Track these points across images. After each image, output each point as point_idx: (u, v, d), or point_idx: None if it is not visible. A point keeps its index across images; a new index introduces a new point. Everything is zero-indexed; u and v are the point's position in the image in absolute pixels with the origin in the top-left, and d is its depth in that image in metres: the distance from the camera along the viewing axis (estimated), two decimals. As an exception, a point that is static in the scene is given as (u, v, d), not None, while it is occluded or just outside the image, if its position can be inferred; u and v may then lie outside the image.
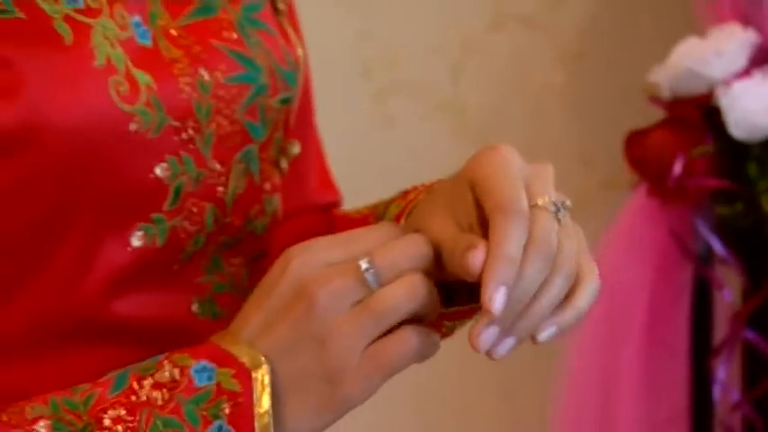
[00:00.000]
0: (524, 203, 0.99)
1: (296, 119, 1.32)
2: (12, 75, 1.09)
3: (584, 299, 1.02)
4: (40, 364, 1.14)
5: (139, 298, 1.17)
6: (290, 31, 1.29)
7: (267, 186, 1.27)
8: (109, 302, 1.14)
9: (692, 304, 2.32)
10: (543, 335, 1.00)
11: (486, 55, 2.51)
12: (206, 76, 1.18)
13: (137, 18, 1.17)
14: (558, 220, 1.01)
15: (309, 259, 1.07)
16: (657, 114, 2.28)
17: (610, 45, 2.54)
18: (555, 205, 1.03)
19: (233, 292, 1.23)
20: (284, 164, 1.31)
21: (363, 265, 1.02)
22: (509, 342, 0.99)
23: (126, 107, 1.13)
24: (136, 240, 1.15)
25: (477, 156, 1.06)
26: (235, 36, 1.21)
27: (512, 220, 0.98)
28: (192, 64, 1.18)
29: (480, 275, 0.98)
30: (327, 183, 1.44)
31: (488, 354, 0.99)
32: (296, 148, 1.33)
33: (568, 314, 1.00)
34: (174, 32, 1.19)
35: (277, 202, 1.29)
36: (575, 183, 2.55)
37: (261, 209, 1.27)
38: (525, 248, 0.98)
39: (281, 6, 1.28)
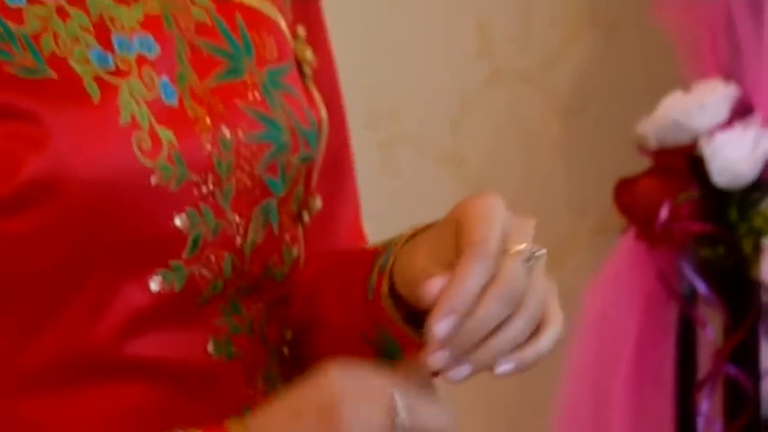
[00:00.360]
0: (493, 246, 1.04)
1: (324, 174, 1.37)
2: (40, 129, 1.14)
3: (545, 342, 1.04)
4: (59, 398, 1.18)
5: (156, 338, 1.20)
6: (315, 93, 1.33)
7: (287, 237, 1.30)
8: (126, 342, 1.18)
9: (677, 341, 2.36)
10: (500, 369, 1.03)
11: (483, 109, 2.55)
12: (228, 133, 1.22)
13: (165, 79, 1.22)
14: (530, 269, 1.06)
15: (348, 394, 1.09)
16: (645, 163, 2.34)
17: (599, 100, 2.58)
18: (527, 254, 1.06)
19: (250, 334, 1.26)
20: (306, 217, 1.35)
21: (400, 415, 1.05)
22: (464, 369, 1.03)
23: (148, 162, 1.17)
24: (154, 285, 1.19)
25: (465, 201, 1.11)
26: (258, 97, 1.25)
27: (476, 257, 1.03)
28: (215, 122, 1.22)
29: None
30: (357, 234, 1.44)
31: (446, 376, 1.05)
32: (317, 203, 1.36)
33: (528, 353, 1.03)
34: (200, 93, 1.24)
35: (297, 251, 1.32)
36: (566, 228, 2.60)
37: (280, 258, 1.30)
38: (486, 287, 1.01)
39: (307, 71, 1.32)
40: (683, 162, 2.31)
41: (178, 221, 1.19)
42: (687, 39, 2.39)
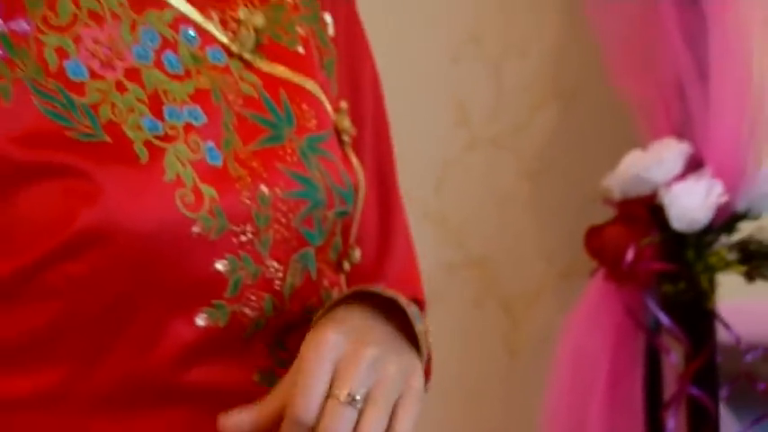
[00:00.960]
0: (315, 399, 1.14)
1: (370, 228, 1.46)
2: (92, 186, 1.22)
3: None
4: (124, 419, 1.27)
5: (205, 369, 1.28)
6: (353, 158, 1.40)
7: (325, 282, 1.35)
8: (179, 371, 1.26)
9: (645, 368, 2.47)
10: None
11: (463, 171, 2.67)
12: (266, 191, 1.29)
13: (210, 143, 1.29)
14: (354, 402, 1.14)
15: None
16: (605, 215, 2.45)
17: (564, 160, 2.67)
18: (350, 394, 1.15)
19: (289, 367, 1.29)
20: (346, 266, 1.41)
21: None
22: None
23: (189, 214, 1.25)
24: (200, 321, 1.26)
25: (309, 335, 1.21)
26: (296, 160, 1.31)
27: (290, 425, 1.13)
28: (255, 181, 1.29)
29: None
30: (407, 280, 1.50)
31: None
32: (356, 254, 1.42)
33: None
34: (242, 156, 1.31)
35: (336, 294, 1.38)
36: (537, 275, 2.72)
37: (319, 300, 1.34)
38: None
39: (345, 138, 1.38)
40: (644, 210, 2.40)
41: (219, 266, 1.26)
42: (642, 103, 2.50)
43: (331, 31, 1.43)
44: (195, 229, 1.23)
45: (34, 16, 1.29)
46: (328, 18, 1.43)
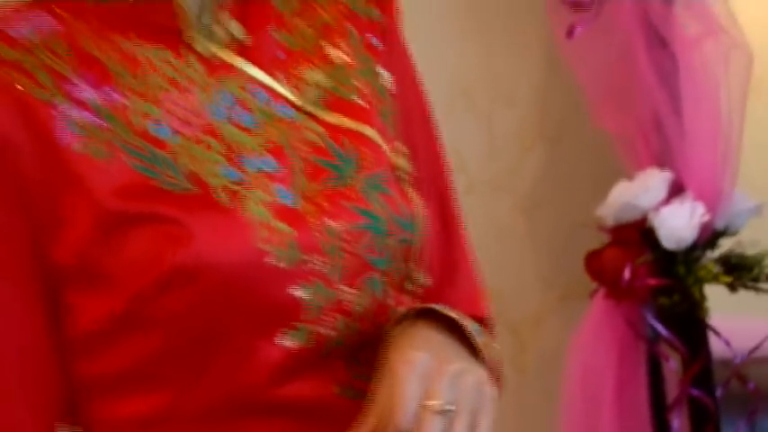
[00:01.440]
0: (412, 411, 1.20)
1: (433, 252, 1.49)
2: (182, 230, 1.29)
3: None
4: (225, 429, 1.35)
5: (292, 384, 1.33)
6: (410, 192, 1.43)
7: (393, 302, 1.39)
8: (269, 388, 1.32)
9: (648, 374, 2.57)
10: None
11: (463, 214, 2.69)
12: (333, 225, 1.34)
13: (282, 187, 1.35)
14: (445, 412, 1.20)
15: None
16: (599, 240, 2.53)
17: (556, 195, 2.74)
18: (441, 406, 1.20)
19: (367, 380, 1.35)
20: (410, 287, 1.44)
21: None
22: None
23: (266, 247, 1.31)
24: (284, 342, 1.32)
25: (396, 359, 1.26)
26: (359, 196, 1.37)
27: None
28: (322, 216, 1.34)
29: None
30: (472, 300, 1.55)
31: None
32: (422, 278, 1.45)
33: None
34: (311, 195, 1.36)
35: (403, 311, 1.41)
36: (538, 300, 2.79)
37: (387, 319, 1.39)
38: None
39: (402, 175, 1.42)
40: (636, 234, 2.49)
41: (295, 292, 1.32)
42: (624, 138, 2.59)
43: (387, 82, 1.48)
44: (272, 260, 1.30)
45: (121, 85, 1.38)
46: (383, 71, 1.48)
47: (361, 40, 1.48)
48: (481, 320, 1.46)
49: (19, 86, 1.36)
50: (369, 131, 1.40)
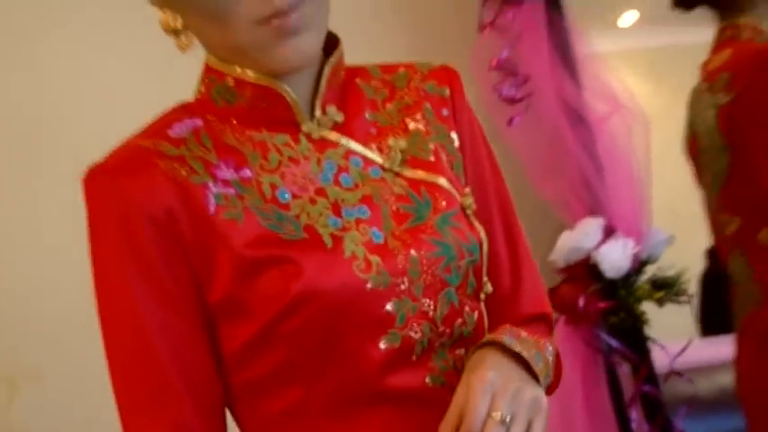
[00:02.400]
0: (478, 417, 1.34)
1: (502, 263, 1.64)
2: (296, 267, 1.44)
3: None
4: (345, 422, 1.49)
5: (394, 377, 1.46)
6: (475, 223, 1.57)
7: (467, 308, 1.53)
8: (376, 381, 1.46)
9: (608, 379, 2.74)
10: None
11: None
12: (414, 254, 1.49)
13: (374, 229, 1.50)
14: (505, 422, 1.33)
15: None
16: (555, 279, 2.69)
17: None
18: (502, 416, 1.34)
19: (454, 370, 1.51)
20: (482, 296, 1.58)
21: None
22: None
23: (363, 276, 1.45)
24: (382, 345, 1.46)
25: (473, 379, 1.38)
26: (434, 230, 1.51)
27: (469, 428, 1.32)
28: (406, 249, 1.49)
29: None
30: (536, 299, 1.68)
31: None
32: (488, 287, 1.59)
33: None
34: (397, 233, 1.51)
35: (477, 315, 1.56)
36: None
37: (463, 322, 1.52)
38: None
39: (468, 212, 1.56)
40: (584, 270, 2.67)
41: (389, 307, 1.46)
42: (561, 198, 2.75)
43: (455, 142, 1.62)
44: (369, 285, 1.44)
45: (254, 165, 1.52)
46: (454, 135, 1.62)
47: (435, 113, 1.63)
48: (543, 316, 1.64)
49: (179, 176, 1.51)
50: (441, 181, 1.54)
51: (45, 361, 3.06)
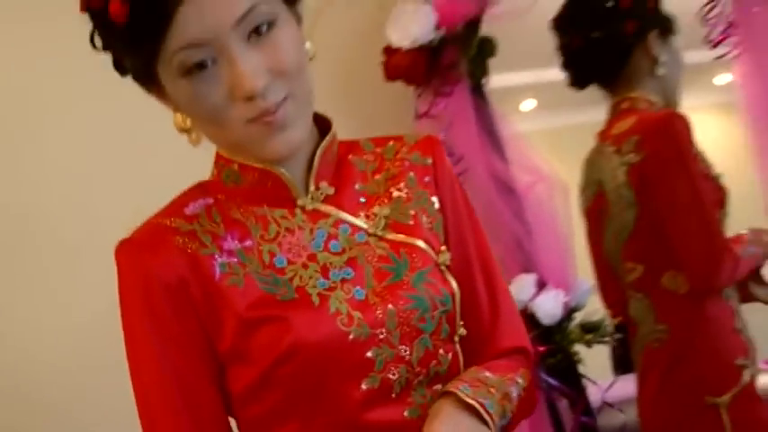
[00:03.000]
0: None
1: (481, 302, 1.66)
2: (287, 324, 1.49)
3: None
4: None
5: (374, 412, 1.51)
6: (448, 277, 1.60)
7: (441, 351, 1.57)
8: (358, 416, 1.51)
9: (550, 414, 2.80)
10: None
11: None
12: (392, 308, 1.52)
13: (358, 287, 1.53)
14: None
15: None
16: None
17: None
18: None
19: (431, 402, 1.56)
20: (456, 338, 1.60)
21: None
22: None
23: (345, 329, 1.49)
24: (364, 385, 1.50)
25: (432, 419, 1.47)
26: (410, 286, 1.54)
27: None
28: (384, 303, 1.52)
29: None
30: (514, 333, 1.71)
31: None
32: (462, 330, 1.62)
33: None
34: (377, 290, 1.54)
35: (451, 356, 1.59)
36: None
37: (438, 363, 1.56)
38: None
39: (443, 267, 1.60)
40: (523, 319, 2.22)
41: (369, 354, 1.50)
42: (498, 260, 2.27)
43: (437, 205, 1.65)
44: (351, 336, 1.49)
45: (255, 236, 1.58)
46: (435, 199, 1.66)
47: (418, 180, 1.66)
48: (520, 349, 1.67)
49: (190, 249, 1.57)
50: (418, 242, 1.59)
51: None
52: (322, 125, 1.63)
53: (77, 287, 2.90)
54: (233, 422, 1.64)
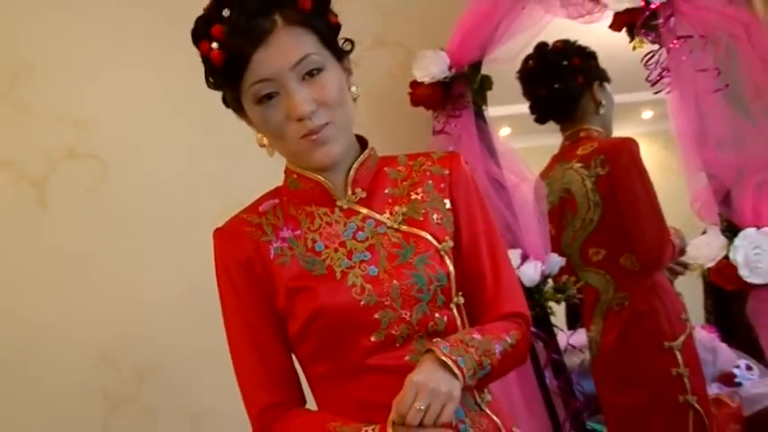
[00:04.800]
0: (404, 408, 1.41)
1: (485, 273, 1.62)
2: (315, 293, 1.51)
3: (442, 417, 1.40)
4: (352, 383, 1.56)
5: (380, 357, 1.54)
6: (446, 259, 1.57)
7: (437, 315, 1.57)
8: (366, 360, 1.53)
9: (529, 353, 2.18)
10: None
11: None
12: (396, 283, 1.54)
13: (372, 266, 1.55)
14: (421, 410, 1.40)
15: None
16: None
17: None
18: (420, 406, 1.41)
19: (431, 352, 1.49)
20: (452, 305, 1.59)
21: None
22: None
23: (358, 297, 1.53)
24: (372, 338, 1.54)
25: (408, 378, 1.44)
26: (413, 266, 1.56)
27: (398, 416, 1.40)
28: (391, 279, 1.55)
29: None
30: (513, 298, 1.67)
31: None
32: (460, 299, 1.60)
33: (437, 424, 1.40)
34: (387, 269, 1.56)
35: (446, 318, 1.57)
36: None
37: (435, 323, 1.57)
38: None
39: (443, 253, 1.58)
40: None
41: (376, 315, 1.53)
42: None
43: (449, 206, 1.63)
44: (362, 303, 1.53)
45: (304, 227, 1.60)
46: (447, 201, 1.64)
47: (435, 186, 1.65)
48: (517, 314, 1.65)
49: (255, 237, 1.61)
50: (424, 234, 1.60)
51: (165, 357, 2.97)
52: (362, 144, 1.66)
53: (188, 258, 2.85)
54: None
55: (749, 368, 3.08)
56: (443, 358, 1.46)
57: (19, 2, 2.81)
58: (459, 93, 2.87)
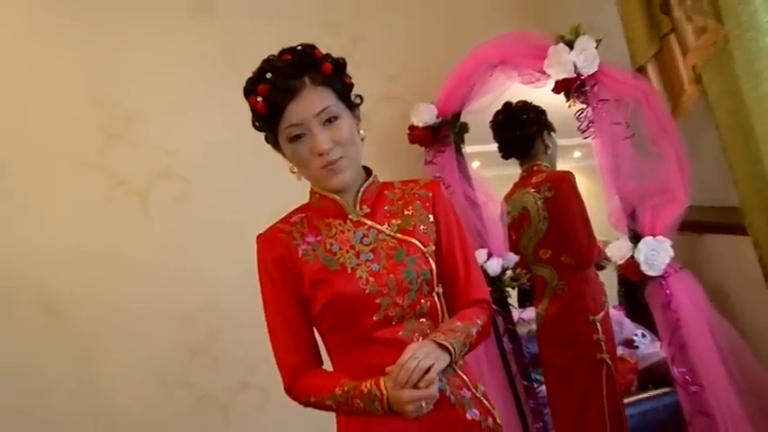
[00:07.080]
0: (404, 362, 1.44)
1: (459, 269, 1.66)
2: (330, 284, 1.61)
3: (429, 376, 1.41)
4: (361, 351, 1.63)
5: (381, 332, 1.60)
6: (430, 259, 1.62)
7: (422, 301, 1.65)
8: (371, 333, 1.61)
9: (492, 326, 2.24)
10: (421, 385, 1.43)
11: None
12: (392, 277, 1.61)
13: (375, 264, 1.62)
14: (418, 360, 1.43)
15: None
16: None
17: None
18: (418, 359, 1.47)
19: (417, 328, 1.60)
20: (434, 294, 1.65)
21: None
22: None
23: (363, 287, 1.61)
24: (375, 317, 1.62)
25: (408, 348, 1.49)
26: (404, 264, 1.60)
27: (400, 368, 1.43)
28: (388, 274, 1.61)
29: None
30: (479, 291, 1.71)
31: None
32: (440, 289, 1.65)
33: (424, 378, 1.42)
34: (387, 266, 1.61)
35: (429, 304, 1.63)
36: None
37: (421, 307, 1.65)
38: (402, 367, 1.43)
39: (426, 254, 1.62)
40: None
41: (377, 300, 1.61)
42: None
43: (431, 219, 1.68)
44: (366, 291, 1.61)
45: (323, 234, 1.60)
46: (430, 216, 1.68)
47: (422, 205, 1.70)
48: (483, 300, 1.71)
49: (287, 241, 1.64)
50: (413, 240, 1.66)
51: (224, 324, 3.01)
52: (368, 172, 1.74)
53: (245, 251, 2.43)
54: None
55: (644, 336, 3.20)
56: (441, 341, 1.55)
57: (128, 61, 2.91)
58: (444, 134, 2.94)
